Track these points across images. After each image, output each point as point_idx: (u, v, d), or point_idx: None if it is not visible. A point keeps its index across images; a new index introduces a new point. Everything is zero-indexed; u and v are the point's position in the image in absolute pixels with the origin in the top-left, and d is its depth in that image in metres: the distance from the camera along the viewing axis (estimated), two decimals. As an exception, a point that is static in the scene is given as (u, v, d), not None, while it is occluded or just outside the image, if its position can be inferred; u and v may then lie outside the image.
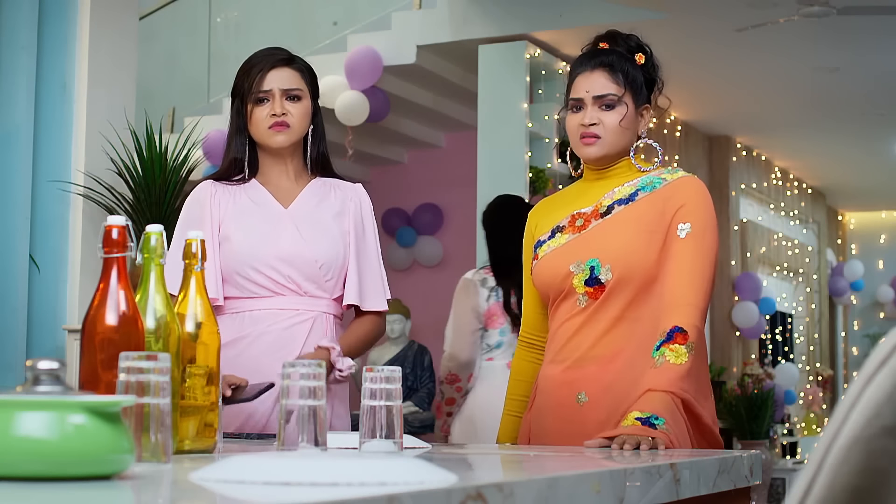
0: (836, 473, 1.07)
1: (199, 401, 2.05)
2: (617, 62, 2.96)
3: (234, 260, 3.04)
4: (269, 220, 3.09)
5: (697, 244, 2.82)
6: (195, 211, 3.09)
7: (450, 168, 9.31)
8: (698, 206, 2.87)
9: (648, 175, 2.95)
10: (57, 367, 1.43)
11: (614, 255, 2.86)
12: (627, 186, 2.95)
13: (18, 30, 4.79)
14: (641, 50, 3.00)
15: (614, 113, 2.94)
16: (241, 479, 1.38)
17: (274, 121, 3.07)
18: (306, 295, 3.05)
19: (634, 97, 2.95)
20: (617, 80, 2.94)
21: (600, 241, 2.90)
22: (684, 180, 2.93)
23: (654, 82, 3.02)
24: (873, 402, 1.06)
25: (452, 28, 7.42)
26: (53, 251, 4.87)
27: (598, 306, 2.86)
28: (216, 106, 8.37)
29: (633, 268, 2.83)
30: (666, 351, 2.70)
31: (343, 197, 3.19)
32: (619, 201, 2.94)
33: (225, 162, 3.16)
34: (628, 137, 2.95)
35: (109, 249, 1.87)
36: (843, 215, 14.42)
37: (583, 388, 2.86)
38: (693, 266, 2.80)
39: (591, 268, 2.88)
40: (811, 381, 12.44)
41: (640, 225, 2.87)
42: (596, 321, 2.87)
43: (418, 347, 8.35)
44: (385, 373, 2.06)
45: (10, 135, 4.75)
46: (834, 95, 9.18)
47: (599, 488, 1.68)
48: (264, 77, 3.08)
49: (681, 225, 2.83)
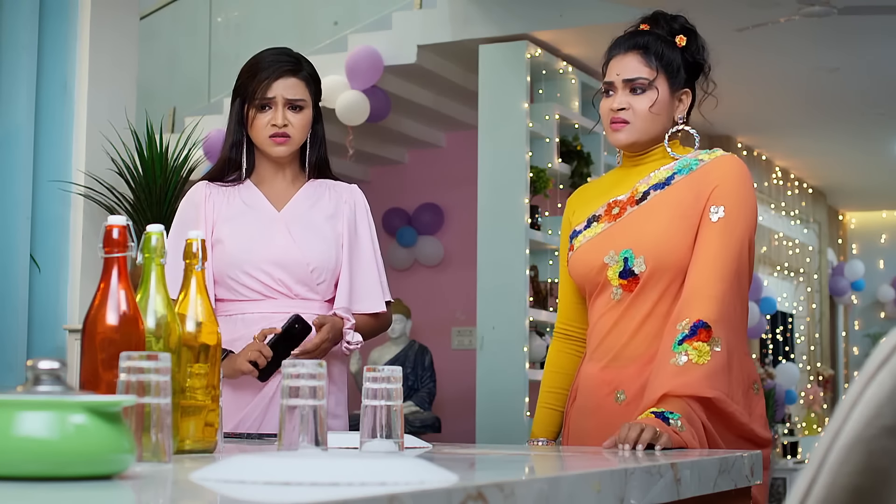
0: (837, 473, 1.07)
1: (199, 401, 2.05)
2: (652, 44, 2.84)
3: (225, 263, 3.04)
4: (262, 223, 3.10)
5: (728, 229, 2.70)
6: (190, 213, 3.10)
7: (450, 168, 9.31)
8: (733, 187, 2.74)
9: (686, 157, 2.84)
10: (57, 366, 1.43)
11: (647, 244, 2.76)
12: (664, 171, 2.84)
13: (19, 30, 4.79)
14: (685, 31, 2.88)
15: (644, 97, 2.83)
16: (242, 479, 1.38)
17: (275, 131, 3.07)
18: (297, 298, 3.06)
19: (670, 81, 2.84)
20: (649, 63, 2.83)
21: (634, 230, 2.80)
22: (721, 160, 2.81)
23: (698, 66, 2.89)
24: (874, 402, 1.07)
25: (453, 28, 7.42)
26: (54, 251, 4.88)
27: (633, 300, 2.77)
28: (217, 106, 8.37)
29: (667, 258, 2.73)
30: (689, 348, 2.59)
31: (337, 199, 3.19)
32: (654, 186, 2.83)
33: (220, 161, 3.16)
34: (661, 123, 2.85)
35: (110, 249, 1.87)
36: (844, 215, 14.42)
37: (621, 387, 2.77)
38: (718, 253, 2.68)
39: (624, 259, 2.79)
40: (812, 381, 12.43)
41: (676, 210, 2.76)
42: (631, 316, 2.77)
43: (419, 347, 8.35)
44: (386, 372, 2.06)
45: (11, 134, 4.75)
46: (835, 95, 9.18)
47: (600, 488, 1.68)
48: (270, 85, 3.08)
49: (713, 208, 2.72)
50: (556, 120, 7.38)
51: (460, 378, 8.34)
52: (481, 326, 7.13)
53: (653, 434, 2.41)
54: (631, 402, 2.74)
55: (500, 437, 6.86)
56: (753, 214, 2.76)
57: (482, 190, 7.24)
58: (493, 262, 7.12)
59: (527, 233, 7.08)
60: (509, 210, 7.12)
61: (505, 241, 7.10)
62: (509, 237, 7.09)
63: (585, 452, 2.42)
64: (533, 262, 7.24)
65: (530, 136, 7.23)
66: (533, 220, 7.17)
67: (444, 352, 8.93)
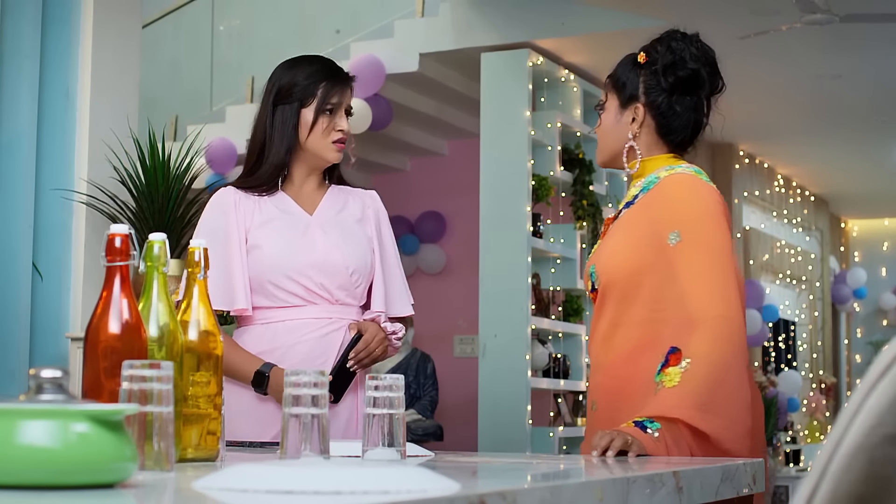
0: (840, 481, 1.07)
1: (201, 409, 2.05)
2: (619, 66, 2.95)
3: (265, 268, 2.99)
4: (298, 227, 3.06)
5: (691, 251, 2.72)
6: (219, 218, 3.04)
7: (452, 176, 9.32)
8: (684, 208, 2.78)
9: (654, 173, 2.89)
10: (60, 375, 1.43)
11: (602, 261, 2.87)
12: (634, 188, 2.92)
13: (22, 37, 4.79)
14: (652, 48, 2.92)
15: (600, 119, 2.97)
16: (244, 487, 1.38)
17: (340, 136, 3.07)
18: (338, 303, 3.03)
19: (619, 98, 2.92)
20: (606, 86, 2.96)
21: (602, 248, 2.92)
22: (669, 180, 2.85)
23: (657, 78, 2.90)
24: (876, 410, 1.07)
25: (455, 36, 7.42)
26: (56, 259, 4.87)
27: (597, 312, 2.88)
28: (219, 114, 8.38)
29: (613, 273, 2.81)
30: (663, 377, 2.65)
31: (361, 204, 3.19)
32: (626, 204, 2.91)
33: (270, 167, 3.09)
34: (613, 140, 2.93)
35: (112, 257, 1.87)
36: (846, 223, 14.41)
37: (595, 397, 2.86)
38: (687, 276, 2.71)
39: (591, 274, 2.90)
40: (814, 389, 12.42)
41: (629, 230, 2.84)
42: (598, 327, 2.87)
43: (421, 355, 8.34)
44: (388, 381, 2.06)
45: (14, 142, 4.75)
46: (837, 103, 9.18)
47: (602, 496, 1.68)
48: (340, 90, 3.08)
49: (671, 234, 2.75)
50: (557, 128, 7.38)
51: (462, 386, 8.33)
52: (483, 334, 7.13)
53: (623, 442, 2.46)
54: (600, 411, 2.82)
55: (503, 446, 6.85)
56: (715, 224, 2.76)
57: (484, 198, 7.24)
58: (495, 269, 7.12)
59: (529, 241, 7.08)
60: (511, 218, 7.12)
61: (507, 249, 7.10)
62: (511, 245, 7.09)
63: (589, 461, 2.42)
64: (535, 270, 7.24)
65: (532, 143, 7.23)
66: (535, 227, 7.17)
67: (447, 360, 8.93)
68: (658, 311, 2.74)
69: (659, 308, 2.74)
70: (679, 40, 2.92)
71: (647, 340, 2.73)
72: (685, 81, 2.90)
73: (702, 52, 2.92)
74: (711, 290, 2.69)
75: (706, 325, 2.65)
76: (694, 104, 2.93)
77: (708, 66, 2.93)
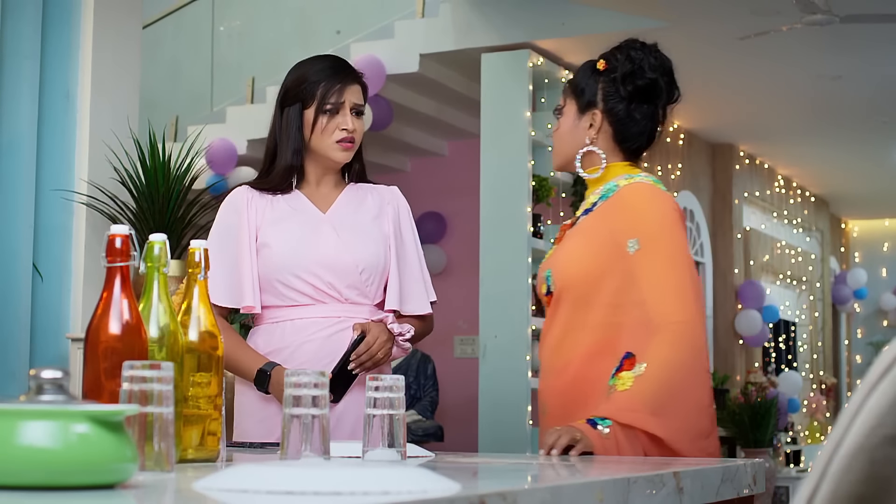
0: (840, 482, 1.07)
1: (202, 410, 2.05)
2: (578, 73, 3.02)
3: (273, 267, 3.00)
4: (309, 225, 3.05)
5: (650, 259, 2.80)
6: (231, 217, 3.05)
7: (453, 176, 9.32)
8: (643, 217, 2.84)
9: (611, 181, 2.95)
10: (60, 376, 1.43)
11: (559, 265, 2.92)
12: (593, 196, 2.98)
13: (22, 39, 4.79)
14: (611, 56, 2.98)
15: (557, 123, 3.03)
16: (245, 488, 1.38)
17: (344, 136, 3.06)
18: (347, 302, 3.02)
19: (577, 104, 2.98)
20: (564, 91, 3.02)
21: (558, 253, 2.97)
22: (629, 189, 2.91)
23: (616, 86, 2.96)
24: (876, 411, 1.07)
25: (455, 36, 7.43)
26: (56, 260, 4.87)
27: (550, 315, 2.93)
28: (219, 115, 8.38)
29: (570, 277, 2.86)
30: (616, 380, 2.72)
31: (380, 200, 3.18)
32: (585, 211, 2.98)
33: (280, 169, 3.09)
34: (569, 145, 2.99)
35: (113, 258, 1.87)
36: (847, 223, 14.41)
37: (545, 399, 2.93)
38: (647, 283, 2.78)
39: (546, 278, 2.95)
40: (815, 390, 12.42)
41: (588, 236, 2.90)
42: (551, 331, 2.92)
43: (421, 356, 8.34)
44: (388, 381, 2.06)
45: (14, 143, 4.75)
46: (837, 103, 9.18)
47: (602, 497, 1.68)
48: (343, 89, 3.06)
49: (630, 241, 2.82)
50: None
51: (463, 387, 8.34)
52: (483, 335, 7.13)
53: (570, 438, 2.53)
54: (549, 415, 2.88)
55: (503, 446, 6.85)
56: (673, 235, 2.83)
57: (484, 198, 7.24)
58: (495, 270, 7.13)
59: (529, 241, 7.08)
60: (511, 218, 7.12)
61: (507, 250, 7.10)
62: (511, 246, 7.10)
63: (590, 462, 2.42)
64: (535, 271, 7.24)
65: (532, 144, 7.23)
66: (535, 228, 7.17)
67: (447, 360, 8.93)
68: (615, 316, 2.80)
69: (616, 313, 2.80)
70: (638, 49, 2.98)
71: (602, 345, 2.80)
72: (643, 90, 2.96)
73: (660, 62, 2.98)
74: (670, 297, 2.76)
75: (667, 329, 2.72)
76: (651, 113, 2.99)
77: (666, 76, 2.99)
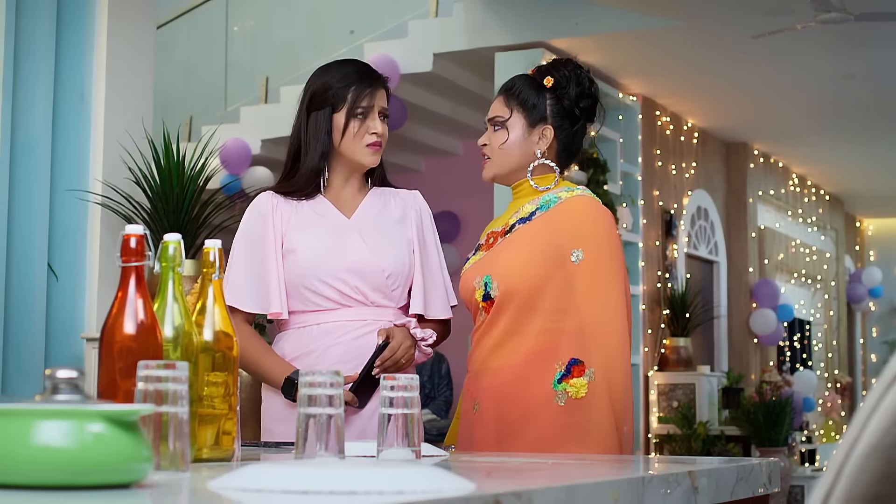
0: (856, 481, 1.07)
1: (217, 409, 2.06)
2: (517, 85, 3.08)
3: (299, 272, 3.00)
4: (334, 230, 3.06)
5: (592, 269, 2.90)
6: (256, 222, 3.05)
7: (467, 176, 9.30)
8: (588, 230, 2.94)
9: (549, 193, 3.03)
10: (75, 375, 1.43)
11: (501, 272, 2.97)
12: (530, 205, 3.04)
13: (37, 39, 4.81)
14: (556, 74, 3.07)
15: (498, 135, 3.06)
16: (260, 487, 1.38)
17: (374, 140, 3.06)
18: (373, 305, 3.03)
19: (527, 117, 3.03)
20: (508, 104, 3.06)
21: (496, 259, 3.02)
22: (574, 201, 2.99)
23: (568, 103, 3.05)
24: (892, 410, 1.06)
25: (469, 36, 7.42)
26: (71, 260, 4.88)
27: (490, 320, 3.00)
28: (233, 115, 8.39)
29: (515, 283, 2.93)
30: (567, 386, 2.83)
31: (403, 204, 3.19)
32: (520, 220, 3.04)
33: (302, 171, 3.09)
34: (518, 157, 3.04)
35: (127, 258, 1.88)
36: (861, 222, 14.38)
37: (477, 397, 3.00)
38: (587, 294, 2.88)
39: (484, 283, 3.00)
40: (830, 388, 12.40)
41: (530, 244, 2.96)
42: (489, 335, 3.00)
43: (436, 355, 8.34)
44: (403, 381, 2.06)
45: (29, 144, 4.76)
46: (851, 102, 9.16)
47: (618, 496, 1.68)
48: (373, 94, 3.07)
49: (573, 251, 2.91)
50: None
51: (477, 386, 8.32)
52: (498, 334, 7.12)
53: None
54: (483, 411, 2.97)
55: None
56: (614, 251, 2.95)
57: (498, 198, 7.24)
58: (509, 269, 7.11)
59: (543, 240, 7.07)
60: (525, 218, 7.11)
61: (521, 249, 7.09)
62: (526, 245, 7.08)
63: (605, 461, 2.42)
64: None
65: (546, 143, 7.22)
66: (549, 227, 7.16)
67: (461, 360, 8.90)
68: (556, 322, 2.90)
69: (557, 319, 2.90)
70: (579, 68, 3.10)
71: (542, 349, 2.89)
72: (589, 110, 3.08)
73: (593, 83, 3.13)
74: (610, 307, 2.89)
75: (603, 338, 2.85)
76: (585, 131, 3.12)
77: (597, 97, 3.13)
